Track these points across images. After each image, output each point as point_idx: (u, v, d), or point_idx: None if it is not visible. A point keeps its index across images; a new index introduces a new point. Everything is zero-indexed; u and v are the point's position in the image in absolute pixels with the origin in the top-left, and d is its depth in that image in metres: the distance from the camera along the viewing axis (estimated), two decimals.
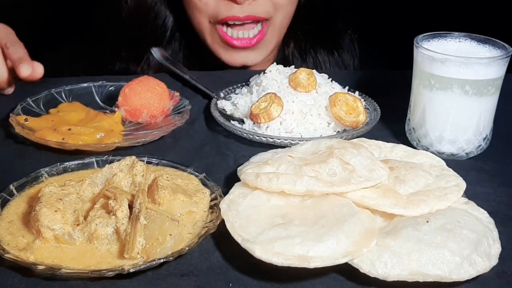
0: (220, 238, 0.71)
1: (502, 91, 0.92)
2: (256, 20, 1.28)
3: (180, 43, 1.42)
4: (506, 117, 0.99)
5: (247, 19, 1.26)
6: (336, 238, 0.65)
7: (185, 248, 0.67)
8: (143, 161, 0.83)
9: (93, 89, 1.11)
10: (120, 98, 1.02)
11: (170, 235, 0.68)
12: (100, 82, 1.12)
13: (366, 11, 1.63)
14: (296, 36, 1.43)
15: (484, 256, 0.66)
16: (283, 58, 1.44)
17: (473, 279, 0.65)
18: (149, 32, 1.38)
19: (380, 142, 0.89)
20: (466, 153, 0.93)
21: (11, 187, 0.78)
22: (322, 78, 1.07)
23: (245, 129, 0.99)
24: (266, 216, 0.71)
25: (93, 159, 0.85)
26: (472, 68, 0.87)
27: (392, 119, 1.04)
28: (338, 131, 1.00)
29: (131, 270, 0.64)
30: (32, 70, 1.03)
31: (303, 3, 1.38)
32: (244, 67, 1.36)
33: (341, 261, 0.64)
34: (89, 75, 1.20)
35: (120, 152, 0.92)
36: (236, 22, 1.27)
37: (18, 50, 1.06)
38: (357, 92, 1.09)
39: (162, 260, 0.65)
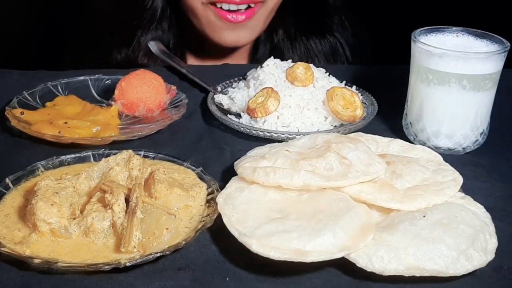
0: (216, 232, 0.71)
1: (499, 86, 0.92)
2: (252, 3, 1.26)
3: (170, 26, 1.39)
4: (503, 112, 0.99)
5: (243, 2, 1.25)
6: (333, 232, 0.65)
7: (182, 242, 0.67)
8: (139, 155, 0.83)
9: (90, 83, 1.10)
10: (116, 92, 1.02)
11: (167, 229, 0.68)
12: (97, 75, 1.11)
13: (363, 6, 1.63)
14: (285, 22, 1.41)
15: (480, 250, 0.66)
16: (272, 46, 1.41)
17: (470, 273, 0.65)
18: (138, 14, 1.35)
19: (377, 136, 0.89)
20: (463, 148, 0.93)
21: (7, 180, 0.77)
22: (319, 72, 1.07)
23: (242, 123, 0.99)
24: (263, 210, 0.71)
25: (90, 153, 0.85)
26: (469, 62, 0.87)
27: (389, 114, 1.04)
28: (335, 126, 0.99)
29: (128, 264, 0.64)
30: None
31: None
32: (235, 48, 1.35)
33: (338, 255, 0.64)
34: (86, 68, 1.19)
35: (116, 145, 0.91)
36: (231, 7, 1.26)
37: None
38: (354, 87, 1.09)
39: (158, 254, 0.65)
